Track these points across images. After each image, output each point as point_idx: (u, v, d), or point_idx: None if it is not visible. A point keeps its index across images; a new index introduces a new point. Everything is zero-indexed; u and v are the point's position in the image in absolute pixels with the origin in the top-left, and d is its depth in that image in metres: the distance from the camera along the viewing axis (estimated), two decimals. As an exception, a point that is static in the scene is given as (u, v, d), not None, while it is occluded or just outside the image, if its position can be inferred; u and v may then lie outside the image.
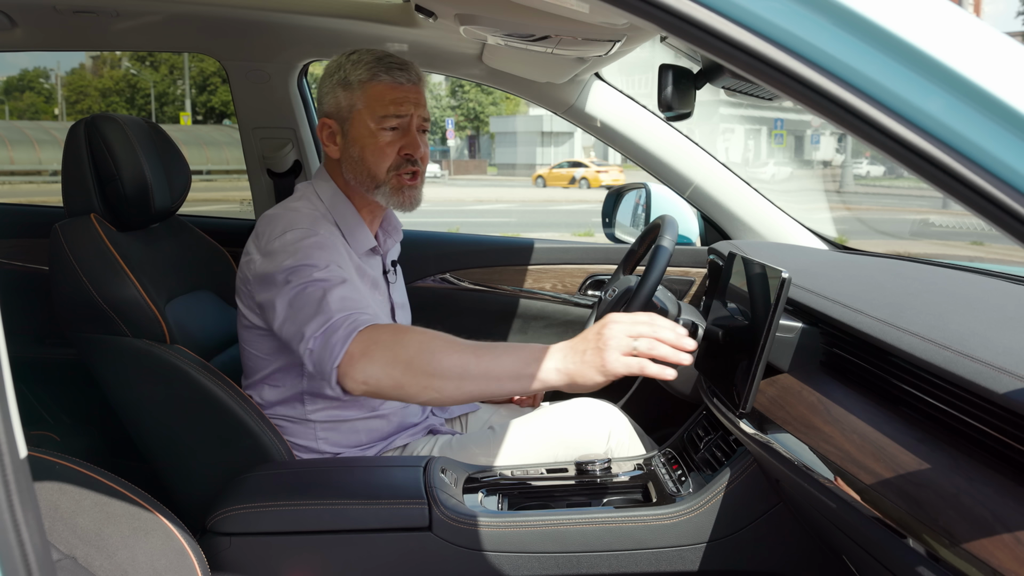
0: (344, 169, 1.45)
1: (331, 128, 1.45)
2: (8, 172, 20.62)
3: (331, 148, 1.46)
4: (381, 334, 1.17)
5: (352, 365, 1.14)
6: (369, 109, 1.40)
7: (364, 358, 1.14)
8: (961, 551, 0.73)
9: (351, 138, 1.42)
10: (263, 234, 1.38)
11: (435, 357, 1.13)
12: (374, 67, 1.40)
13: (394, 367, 1.13)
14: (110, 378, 1.45)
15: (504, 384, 1.13)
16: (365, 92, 1.40)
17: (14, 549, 0.57)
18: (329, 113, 1.44)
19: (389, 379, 1.14)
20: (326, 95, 1.44)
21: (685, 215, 2.08)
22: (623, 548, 1.27)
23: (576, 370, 1.10)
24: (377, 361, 1.14)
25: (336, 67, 1.43)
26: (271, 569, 1.23)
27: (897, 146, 0.63)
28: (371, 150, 1.41)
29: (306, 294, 1.25)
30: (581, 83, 1.92)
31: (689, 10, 0.65)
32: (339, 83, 1.42)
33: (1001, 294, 1.18)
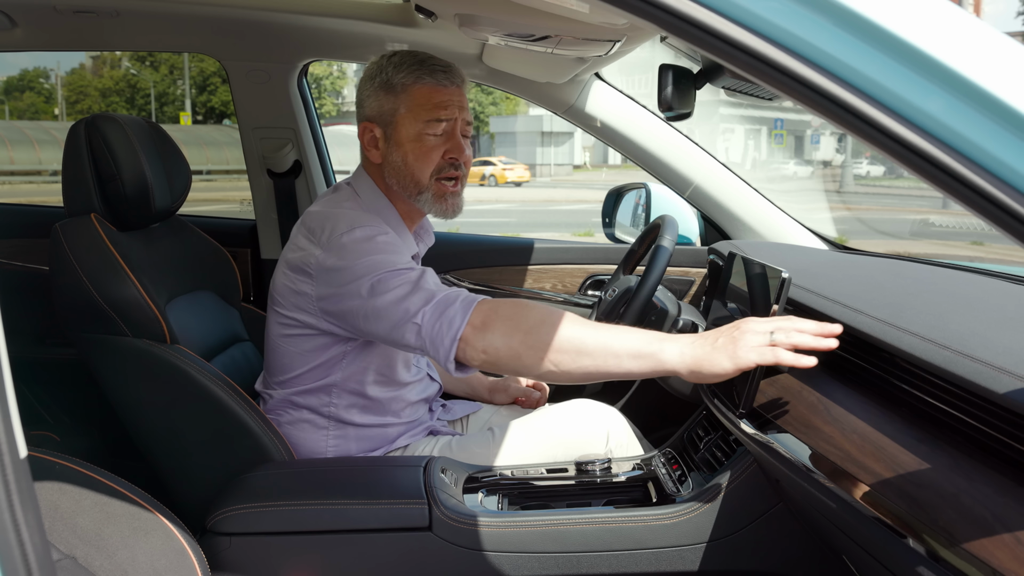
0: (386, 174, 1.42)
1: (373, 132, 1.42)
2: (8, 172, 20.62)
3: (373, 153, 1.43)
4: (500, 306, 1.18)
5: (475, 334, 1.15)
6: (413, 113, 1.38)
7: (486, 328, 1.15)
8: (961, 551, 0.73)
9: (395, 142, 1.40)
10: (321, 230, 1.34)
11: (555, 330, 1.12)
12: (417, 69, 1.38)
13: (514, 337, 1.13)
14: (110, 378, 1.45)
15: (623, 362, 1.11)
16: (409, 95, 1.38)
17: (14, 549, 0.57)
18: (371, 117, 1.42)
19: (508, 350, 1.14)
20: (367, 98, 1.42)
21: (685, 215, 2.08)
22: (623, 548, 1.27)
23: (704, 355, 1.08)
24: (498, 331, 1.14)
25: (377, 70, 1.41)
26: (271, 569, 1.23)
27: (897, 146, 0.63)
28: (415, 154, 1.38)
29: (397, 278, 1.23)
30: (581, 83, 1.92)
31: (689, 10, 0.65)
32: (381, 86, 1.39)
33: (1001, 294, 1.18)
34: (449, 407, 1.70)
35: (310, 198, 2.21)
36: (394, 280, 1.24)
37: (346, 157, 18.26)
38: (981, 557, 0.71)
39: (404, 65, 1.38)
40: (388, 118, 1.39)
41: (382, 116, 1.40)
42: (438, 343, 1.18)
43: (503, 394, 1.78)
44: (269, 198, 2.20)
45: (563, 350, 1.12)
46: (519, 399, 1.77)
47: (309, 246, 1.35)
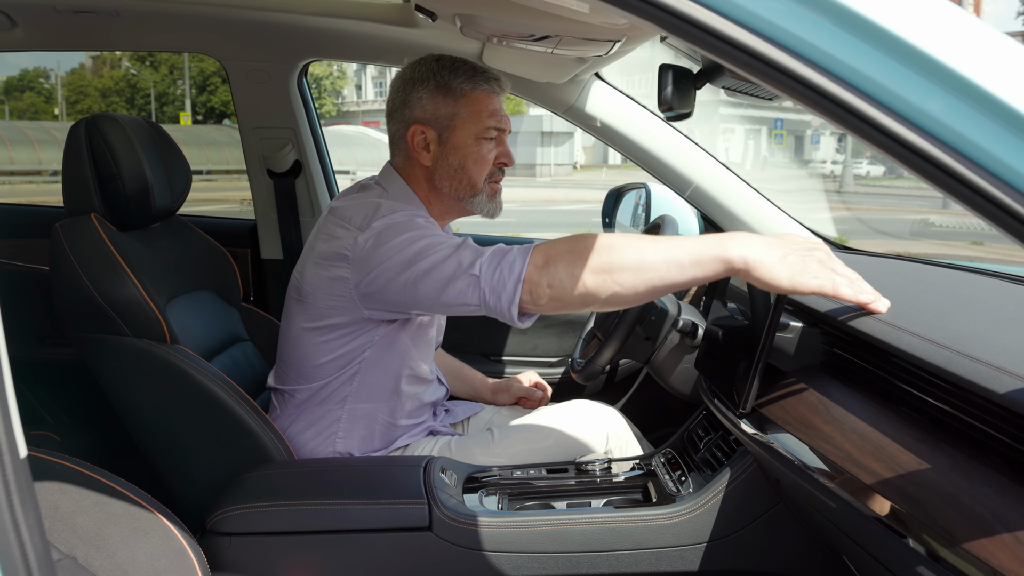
0: (438, 176, 1.43)
1: (425, 135, 1.41)
2: (8, 172, 20.60)
3: (424, 156, 1.42)
4: (557, 243, 1.17)
5: (538, 272, 1.14)
6: (473, 118, 1.39)
7: (548, 265, 1.14)
8: (961, 551, 0.73)
9: (451, 146, 1.40)
10: (354, 218, 1.34)
11: (615, 251, 1.11)
12: (475, 76, 1.40)
13: (576, 266, 1.12)
14: (110, 378, 1.45)
15: (687, 270, 1.08)
16: (469, 101, 1.39)
17: (14, 549, 0.57)
18: (423, 120, 1.41)
19: (572, 279, 1.12)
20: (419, 101, 1.40)
21: (685, 215, 2.08)
22: (623, 548, 1.27)
23: (768, 260, 1.03)
24: (560, 264, 1.13)
25: (428, 73, 1.40)
26: (271, 569, 1.23)
27: (897, 146, 0.63)
28: (473, 159, 1.40)
29: (441, 244, 1.23)
30: (581, 83, 1.92)
31: (689, 10, 0.65)
32: (438, 89, 1.39)
33: (1001, 294, 1.18)
34: (451, 409, 1.70)
35: (310, 198, 2.21)
36: (439, 245, 1.24)
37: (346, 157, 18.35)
38: (981, 557, 0.71)
39: (460, 71, 1.40)
40: (445, 122, 1.40)
41: (438, 119, 1.40)
42: (500, 290, 1.17)
43: (506, 394, 1.78)
44: (269, 198, 2.20)
45: (626, 268, 1.10)
46: (521, 399, 1.77)
47: (345, 233, 1.34)
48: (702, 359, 1.43)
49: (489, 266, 1.18)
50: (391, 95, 1.46)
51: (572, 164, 34.03)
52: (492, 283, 1.18)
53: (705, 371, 1.41)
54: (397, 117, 1.44)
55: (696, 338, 1.47)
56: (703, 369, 1.42)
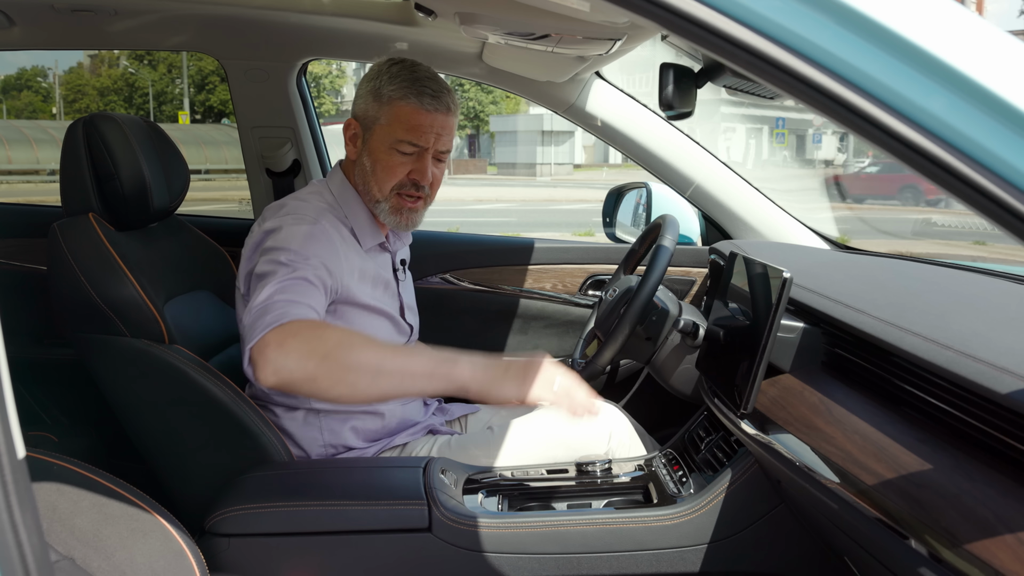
0: (355, 173, 1.48)
1: (355, 130, 1.46)
2: (6, 171, 20.60)
3: (350, 148, 1.48)
4: (302, 327, 1.15)
5: (263, 353, 1.11)
6: (390, 127, 1.41)
7: (279, 348, 1.11)
8: (963, 552, 0.73)
9: (368, 148, 1.44)
10: (268, 219, 1.40)
11: (352, 351, 1.12)
12: (407, 87, 1.39)
13: (309, 359, 1.11)
14: (108, 378, 1.45)
15: (418, 381, 1.12)
16: (391, 109, 1.40)
17: (12, 550, 0.57)
18: (357, 116, 1.46)
19: (302, 371, 1.11)
20: (360, 97, 1.45)
21: (686, 215, 2.08)
22: (624, 549, 1.27)
23: (495, 379, 1.11)
24: (291, 353, 1.11)
25: (375, 73, 1.44)
26: (270, 570, 1.22)
27: (899, 145, 0.63)
28: (381, 166, 1.42)
29: (268, 272, 1.26)
30: (581, 82, 1.92)
31: (690, 8, 0.64)
32: (372, 92, 1.42)
33: (1003, 294, 1.18)
34: (446, 408, 1.70)
35: (309, 197, 2.21)
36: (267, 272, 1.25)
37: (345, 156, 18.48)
38: (983, 558, 0.71)
39: (397, 78, 1.40)
40: (369, 123, 1.43)
41: (365, 119, 1.44)
42: (244, 345, 1.17)
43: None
44: (268, 197, 2.19)
45: (360, 371, 1.11)
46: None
47: (256, 230, 1.41)
48: (703, 359, 1.43)
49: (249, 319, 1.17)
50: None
51: (572, 164, 34.03)
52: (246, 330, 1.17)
53: (706, 371, 1.41)
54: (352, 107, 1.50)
55: (697, 338, 1.47)
56: (704, 369, 1.42)
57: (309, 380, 1.11)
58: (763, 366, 1.13)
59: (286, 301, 1.19)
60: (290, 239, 1.31)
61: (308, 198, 1.44)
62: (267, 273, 1.26)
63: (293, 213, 1.38)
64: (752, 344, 1.16)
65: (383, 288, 1.51)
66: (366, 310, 1.45)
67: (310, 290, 1.25)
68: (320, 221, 1.37)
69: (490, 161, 36.03)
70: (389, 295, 1.53)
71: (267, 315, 1.16)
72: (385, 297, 1.51)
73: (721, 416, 1.27)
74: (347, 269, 1.40)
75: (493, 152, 36.66)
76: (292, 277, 1.24)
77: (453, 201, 18.64)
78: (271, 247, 1.31)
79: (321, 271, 1.30)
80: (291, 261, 1.27)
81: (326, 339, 1.13)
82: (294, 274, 1.24)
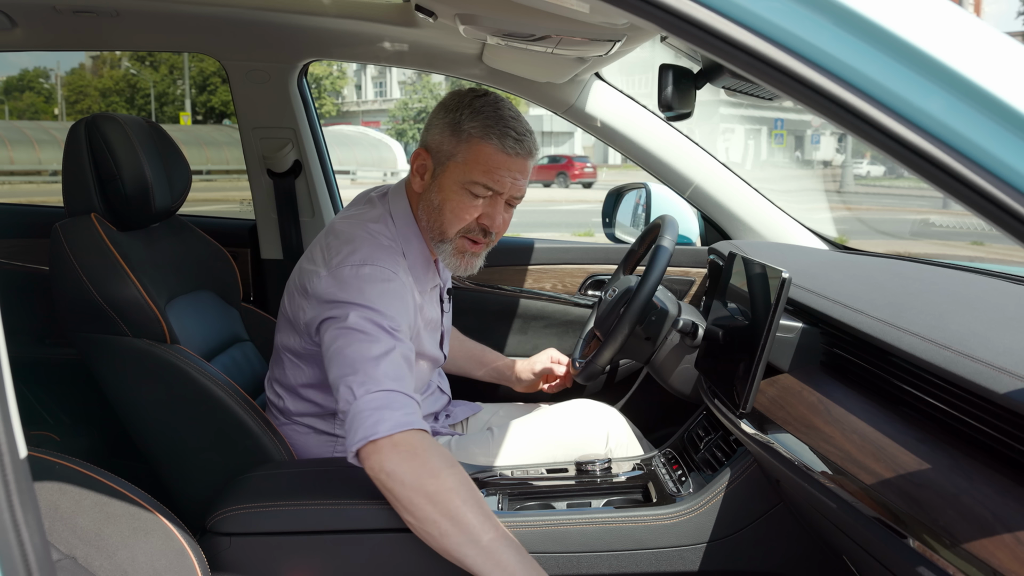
0: (420, 206, 1.38)
1: (424, 161, 1.36)
2: (8, 172, 20.60)
3: (416, 181, 1.38)
4: (429, 449, 1.11)
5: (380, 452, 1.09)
6: (466, 166, 1.31)
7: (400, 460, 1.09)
8: (961, 551, 0.73)
9: (439, 183, 1.34)
10: (337, 251, 1.30)
11: (464, 507, 1.08)
12: (490, 127, 1.30)
13: (418, 487, 1.08)
14: (110, 378, 1.45)
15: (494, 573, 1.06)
16: (471, 147, 1.31)
17: (14, 549, 0.57)
18: (429, 147, 1.36)
19: (407, 489, 1.08)
20: (435, 127, 1.35)
21: (685, 215, 2.08)
22: (623, 548, 1.27)
23: None
24: (407, 471, 1.08)
25: (456, 104, 1.34)
26: (271, 569, 1.23)
27: (898, 146, 0.63)
28: (451, 206, 1.33)
29: (365, 338, 1.18)
30: (581, 83, 1.92)
31: (689, 10, 0.65)
32: (451, 124, 1.32)
33: (1001, 294, 1.18)
34: (449, 411, 1.70)
35: (310, 198, 2.21)
36: (362, 337, 1.18)
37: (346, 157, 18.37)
38: (981, 557, 0.71)
39: (480, 115, 1.31)
40: (443, 158, 1.34)
41: (439, 153, 1.34)
42: (354, 428, 1.12)
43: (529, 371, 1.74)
44: (269, 198, 2.20)
45: (458, 527, 1.07)
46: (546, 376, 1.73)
47: (320, 264, 1.32)
48: (702, 359, 1.43)
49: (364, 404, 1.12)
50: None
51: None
52: (356, 414, 1.13)
53: (705, 371, 1.41)
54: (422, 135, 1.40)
55: (696, 338, 1.47)
56: (703, 369, 1.42)
57: (407, 499, 1.09)
58: (762, 366, 1.14)
59: (406, 398, 1.14)
60: (378, 297, 1.23)
61: (379, 237, 1.33)
62: (367, 334, 1.18)
63: (371, 263, 1.27)
64: (751, 344, 1.16)
65: (431, 325, 1.46)
66: (420, 358, 1.41)
67: (410, 376, 1.19)
68: (399, 274, 1.29)
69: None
70: (434, 329, 1.48)
71: (391, 411, 1.11)
72: (430, 334, 1.46)
73: (720, 416, 1.28)
74: (417, 322, 1.35)
75: (493, 153, 36.50)
76: (399, 356, 1.18)
77: (453, 202, 18.57)
78: (358, 302, 1.22)
79: (409, 345, 1.23)
80: (391, 330, 1.20)
81: (446, 476, 1.09)
82: (399, 352, 1.18)
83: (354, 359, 1.17)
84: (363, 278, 1.25)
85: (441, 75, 1.97)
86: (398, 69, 31.47)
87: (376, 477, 1.11)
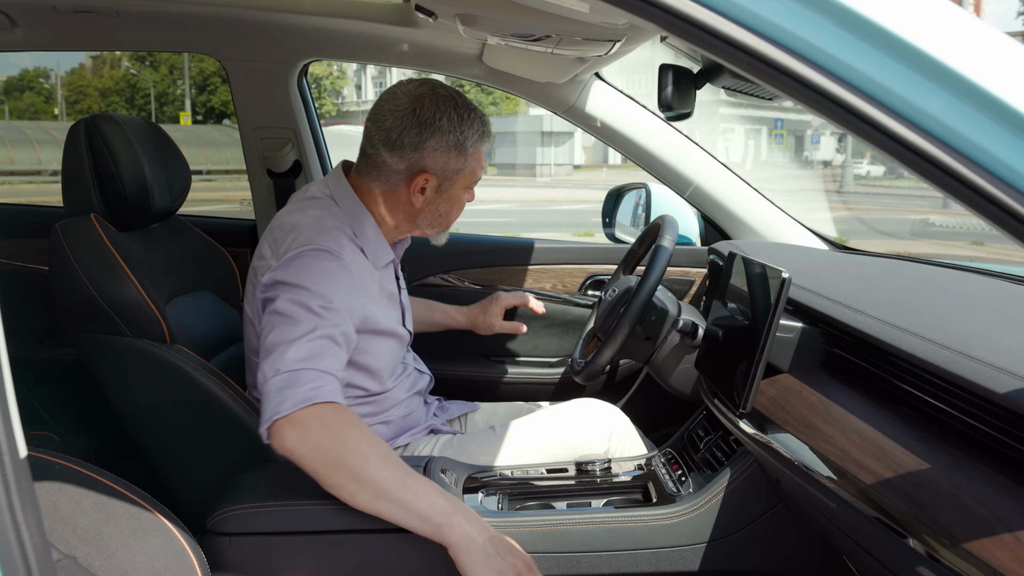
0: (421, 216, 1.43)
1: (426, 184, 1.39)
2: (8, 172, 20.60)
3: (417, 199, 1.40)
4: (328, 416, 1.14)
5: (282, 431, 1.12)
6: (472, 173, 1.43)
7: (300, 435, 1.12)
8: (961, 551, 0.73)
9: (446, 196, 1.42)
10: (283, 240, 1.33)
11: (365, 465, 1.12)
12: (483, 132, 1.41)
13: (323, 456, 1.12)
14: (110, 378, 1.45)
15: (411, 521, 1.11)
16: (475, 157, 1.42)
17: (14, 549, 0.57)
18: (433, 170, 1.38)
19: (312, 462, 1.12)
20: (434, 151, 1.36)
21: (685, 215, 2.08)
22: (623, 548, 1.27)
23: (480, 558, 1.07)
24: (310, 443, 1.12)
25: (449, 125, 1.36)
26: (271, 569, 1.23)
27: (898, 146, 0.63)
28: (458, 207, 1.46)
29: (288, 321, 1.21)
30: (581, 83, 1.92)
31: (689, 10, 0.65)
32: (455, 145, 1.37)
33: (1001, 294, 1.18)
34: (446, 406, 1.70)
35: (310, 198, 2.21)
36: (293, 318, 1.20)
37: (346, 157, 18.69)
38: (981, 557, 0.71)
39: (474, 124, 1.39)
40: (451, 175, 1.40)
41: (445, 172, 1.39)
42: (263, 411, 1.15)
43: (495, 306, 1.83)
44: (269, 198, 2.20)
45: (365, 487, 1.11)
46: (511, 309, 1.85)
47: (269, 255, 1.35)
48: (702, 359, 1.43)
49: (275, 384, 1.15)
50: (402, 125, 1.36)
51: (571, 164, 34.01)
52: (263, 396, 1.16)
53: (705, 371, 1.41)
54: (403, 156, 1.37)
55: (696, 338, 1.47)
56: (703, 369, 1.42)
57: (314, 471, 1.13)
58: (762, 366, 1.14)
59: (315, 373, 1.16)
60: (314, 278, 1.25)
61: (323, 220, 1.36)
62: (290, 317, 1.21)
63: (314, 244, 1.29)
64: (751, 344, 1.16)
65: (390, 301, 1.48)
66: (381, 335, 1.42)
67: (335, 353, 1.21)
68: (342, 254, 1.31)
69: (490, 162, 36.04)
70: (394, 307, 1.50)
71: (295, 388, 1.14)
72: (392, 309, 1.48)
73: (720, 416, 1.28)
74: (369, 299, 1.36)
75: (493, 153, 36.61)
76: (319, 336, 1.19)
77: (453, 202, 18.58)
78: (293, 283, 1.24)
79: (346, 323, 1.25)
80: (320, 310, 1.22)
81: (346, 440, 1.12)
82: (321, 332, 1.20)
83: (273, 343, 1.20)
84: (301, 258, 1.28)
85: (441, 75, 1.96)
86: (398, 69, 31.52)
87: (285, 456, 1.14)
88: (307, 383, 1.15)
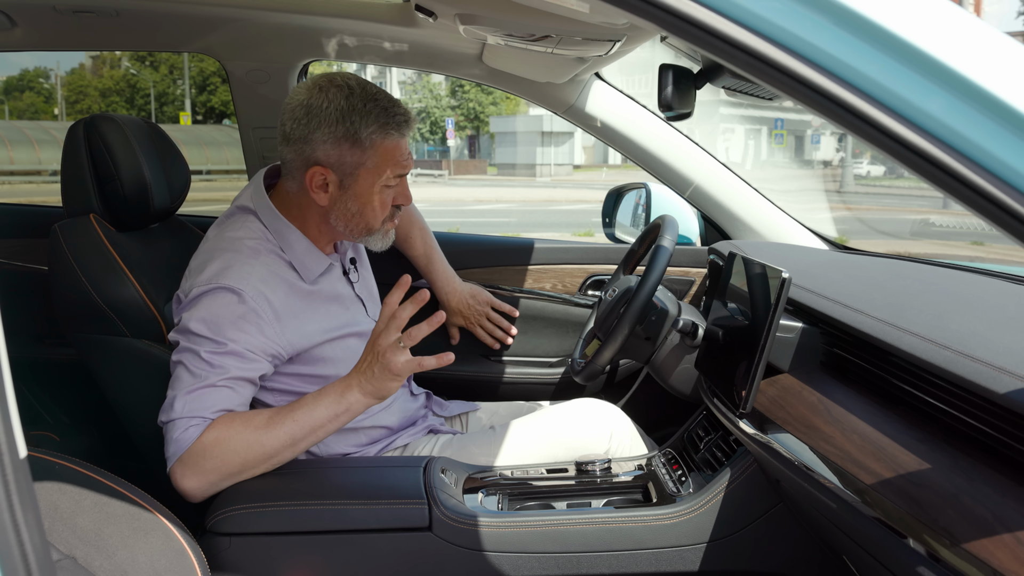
0: (333, 216, 1.37)
1: (326, 178, 1.34)
2: (8, 172, 20.61)
3: (320, 196, 1.35)
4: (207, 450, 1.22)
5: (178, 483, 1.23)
6: (378, 169, 1.33)
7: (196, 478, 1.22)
8: (961, 551, 0.73)
9: (352, 193, 1.35)
10: (196, 271, 1.34)
11: (262, 445, 1.23)
12: (385, 123, 1.32)
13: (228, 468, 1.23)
14: (109, 378, 1.45)
15: (328, 427, 1.25)
16: (376, 152, 1.32)
17: (14, 549, 0.57)
18: (327, 164, 1.32)
19: (228, 480, 1.24)
20: (323, 143, 1.31)
21: (685, 215, 2.08)
22: (623, 548, 1.27)
23: (377, 386, 1.21)
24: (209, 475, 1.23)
25: (338, 115, 1.30)
26: (271, 569, 1.23)
27: (898, 146, 0.63)
28: (372, 206, 1.36)
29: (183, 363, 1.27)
30: (581, 83, 1.92)
31: (689, 10, 0.65)
32: (346, 137, 1.30)
33: (1001, 294, 1.18)
34: (444, 404, 1.70)
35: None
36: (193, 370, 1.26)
37: (346, 157, 18.37)
38: (981, 557, 0.71)
39: (371, 115, 1.31)
40: (349, 169, 1.33)
41: (341, 166, 1.33)
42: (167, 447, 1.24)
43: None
44: (269, 198, 2.19)
45: (281, 450, 1.24)
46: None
47: (185, 282, 1.38)
48: (702, 359, 1.43)
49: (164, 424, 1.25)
50: (289, 117, 1.33)
51: (571, 164, 34.02)
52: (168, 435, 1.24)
53: (705, 371, 1.41)
54: (295, 148, 1.34)
55: (696, 338, 1.47)
56: (703, 369, 1.42)
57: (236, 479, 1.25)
58: (762, 366, 1.14)
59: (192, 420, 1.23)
60: (212, 322, 1.27)
61: (239, 241, 1.35)
62: (184, 367, 1.26)
63: (215, 283, 1.29)
64: (751, 344, 1.16)
65: (338, 304, 1.45)
66: (336, 340, 1.42)
67: (224, 395, 1.26)
68: (245, 291, 1.28)
69: (490, 162, 36.02)
70: (345, 306, 1.47)
71: (173, 435, 1.23)
72: (342, 312, 1.45)
73: (720, 416, 1.28)
74: (298, 320, 1.35)
75: (493, 153, 36.65)
76: (205, 386, 1.24)
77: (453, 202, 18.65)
78: (191, 331, 1.27)
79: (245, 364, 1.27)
80: (211, 357, 1.25)
81: (235, 450, 1.22)
82: (209, 381, 1.24)
83: (169, 393, 1.28)
84: (201, 299, 1.30)
85: (441, 75, 1.96)
86: (398, 69, 31.50)
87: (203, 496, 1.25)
88: (178, 430, 1.23)
